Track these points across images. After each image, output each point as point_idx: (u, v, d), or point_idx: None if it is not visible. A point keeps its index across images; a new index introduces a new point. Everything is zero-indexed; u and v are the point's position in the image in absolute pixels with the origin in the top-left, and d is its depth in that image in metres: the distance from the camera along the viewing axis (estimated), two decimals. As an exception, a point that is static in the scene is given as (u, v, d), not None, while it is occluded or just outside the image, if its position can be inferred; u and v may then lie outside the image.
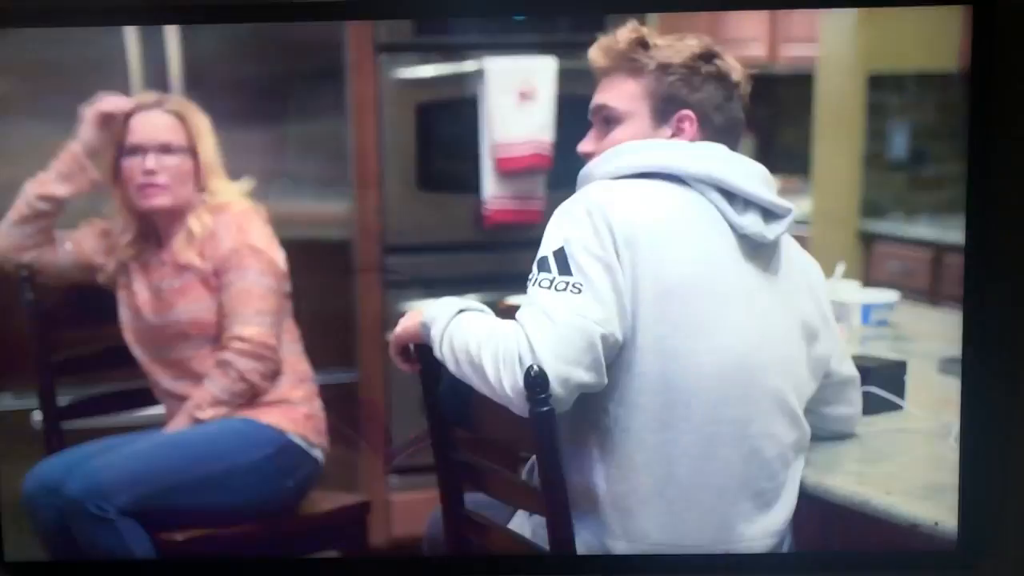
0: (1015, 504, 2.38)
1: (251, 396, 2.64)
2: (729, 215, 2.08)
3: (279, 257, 2.69)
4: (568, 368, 1.95)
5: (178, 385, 2.68)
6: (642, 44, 2.17)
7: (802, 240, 3.46)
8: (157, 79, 2.95)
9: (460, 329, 2.06)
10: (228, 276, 2.64)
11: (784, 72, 3.64)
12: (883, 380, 2.42)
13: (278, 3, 2.40)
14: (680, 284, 2.03)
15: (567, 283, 1.99)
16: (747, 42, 3.64)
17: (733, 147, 2.16)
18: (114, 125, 2.63)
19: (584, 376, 1.97)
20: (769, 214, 2.10)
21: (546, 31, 3.09)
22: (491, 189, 3.13)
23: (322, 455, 2.72)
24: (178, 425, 2.64)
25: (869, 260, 3.41)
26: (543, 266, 2.02)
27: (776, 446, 2.12)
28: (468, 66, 3.12)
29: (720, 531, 2.10)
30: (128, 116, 2.65)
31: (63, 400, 2.75)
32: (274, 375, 2.67)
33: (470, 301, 2.12)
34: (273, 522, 2.65)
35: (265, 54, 2.90)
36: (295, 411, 2.69)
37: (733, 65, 2.18)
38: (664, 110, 2.16)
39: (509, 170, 3.11)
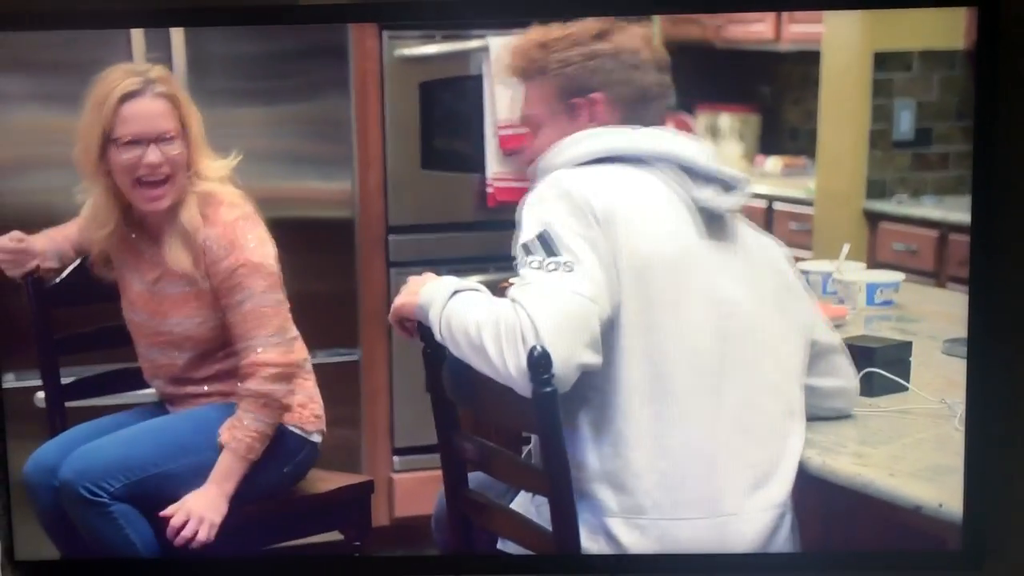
0: (1020, 504, 2.39)
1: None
2: (691, 189, 2.11)
3: (273, 257, 2.61)
4: (572, 347, 1.96)
5: (168, 387, 2.65)
6: (540, 46, 2.21)
7: (806, 219, 3.46)
8: (159, 57, 2.93)
9: (457, 311, 2.06)
10: (234, 297, 2.53)
11: (789, 50, 3.62)
12: (888, 361, 2.41)
13: (281, 5, 2.39)
14: (655, 259, 2.06)
15: (557, 263, 2.00)
16: (752, 21, 3.62)
17: (660, 113, 2.19)
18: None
19: (586, 356, 1.98)
20: (726, 187, 2.14)
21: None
22: (494, 168, 3.12)
23: (320, 438, 2.70)
24: (224, 465, 2.55)
25: (874, 240, 3.40)
26: (529, 250, 2.02)
27: (760, 415, 2.14)
28: (471, 44, 3.11)
29: (717, 503, 2.11)
30: (118, 103, 2.48)
31: (66, 379, 2.75)
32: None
33: (465, 281, 2.12)
34: (275, 503, 2.64)
35: (267, 32, 2.89)
36: (289, 399, 2.66)
37: (631, 34, 2.21)
38: (572, 101, 2.19)
39: (512, 149, 3.10)
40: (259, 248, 2.53)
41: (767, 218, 3.45)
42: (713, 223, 2.13)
